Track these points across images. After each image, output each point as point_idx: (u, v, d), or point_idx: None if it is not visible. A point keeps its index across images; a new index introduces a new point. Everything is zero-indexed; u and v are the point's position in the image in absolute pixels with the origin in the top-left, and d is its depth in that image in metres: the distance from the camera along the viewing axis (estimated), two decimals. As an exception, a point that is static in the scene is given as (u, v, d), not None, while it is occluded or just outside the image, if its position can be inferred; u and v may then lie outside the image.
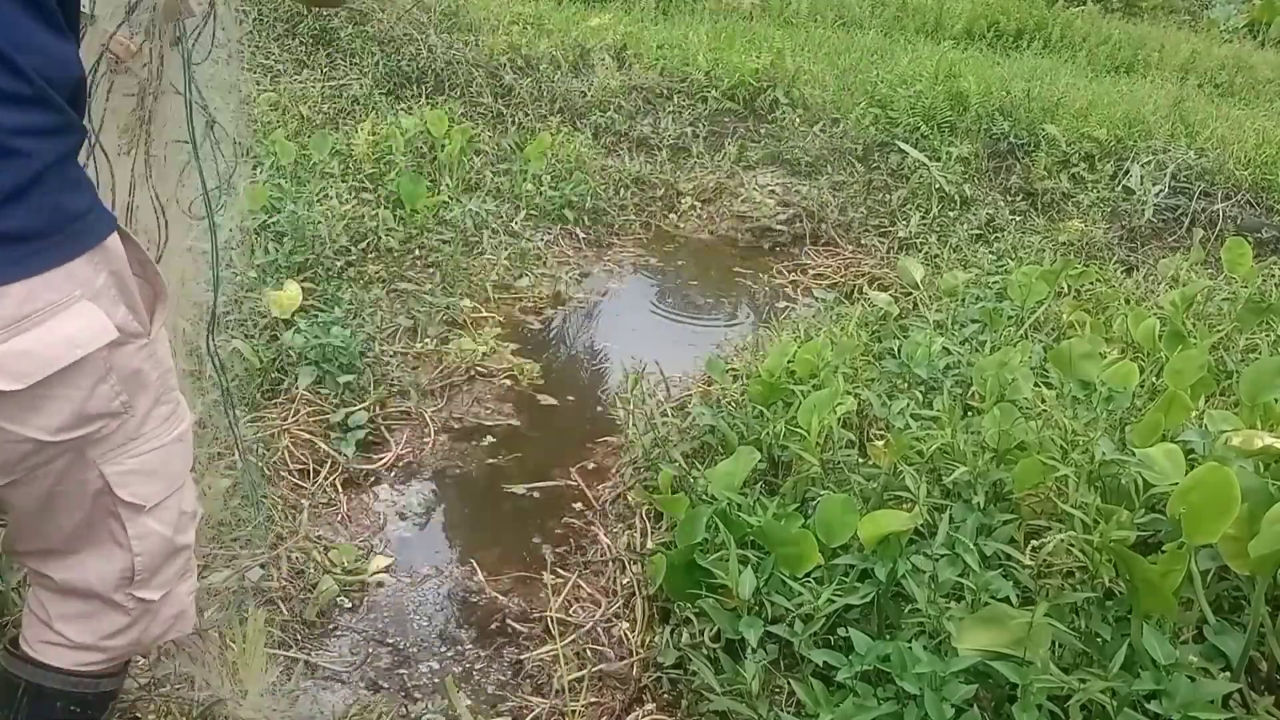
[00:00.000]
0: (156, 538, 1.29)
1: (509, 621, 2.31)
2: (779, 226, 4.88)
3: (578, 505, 2.76)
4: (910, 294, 3.94)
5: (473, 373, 3.35)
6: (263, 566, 2.30)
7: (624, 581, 2.40)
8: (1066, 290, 3.76)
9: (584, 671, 2.14)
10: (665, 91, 5.86)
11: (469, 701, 2.05)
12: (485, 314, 3.76)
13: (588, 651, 2.20)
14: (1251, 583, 1.78)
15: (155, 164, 1.49)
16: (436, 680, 2.12)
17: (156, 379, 1.24)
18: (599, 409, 3.29)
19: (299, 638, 2.17)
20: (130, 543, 1.26)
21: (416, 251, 3.97)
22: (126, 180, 1.47)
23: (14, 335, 1.03)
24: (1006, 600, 1.79)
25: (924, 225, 4.77)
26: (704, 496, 2.33)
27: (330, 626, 2.23)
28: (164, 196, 1.51)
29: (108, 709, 1.41)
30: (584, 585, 2.43)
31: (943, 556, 1.91)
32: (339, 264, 3.69)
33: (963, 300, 3.66)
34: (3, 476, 1.13)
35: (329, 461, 2.77)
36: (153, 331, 1.23)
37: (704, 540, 2.17)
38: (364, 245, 3.88)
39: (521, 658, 2.20)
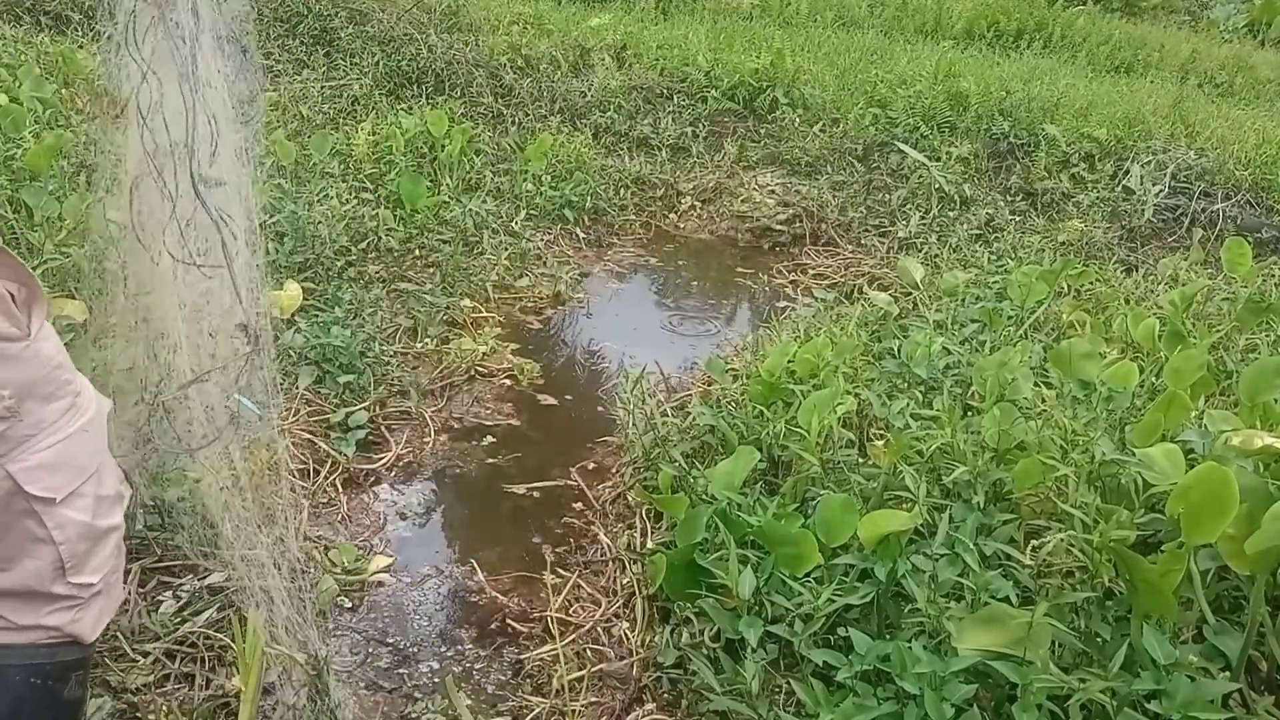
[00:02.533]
0: (76, 525, 1.32)
1: (509, 621, 2.31)
2: (779, 226, 4.88)
3: (578, 505, 2.76)
4: (910, 294, 3.94)
5: (473, 373, 3.35)
6: (262, 567, 2.30)
7: (624, 581, 2.40)
8: (1066, 290, 3.76)
9: (584, 671, 2.14)
10: (665, 91, 5.86)
11: (469, 701, 2.05)
12: (485, 314, 3.76)
13: (588, 651, 2.20)
14: (1251, 582, 1.78)
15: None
16: (436, 680, 2.12)
17: (44, 376, 1.27)
18: (599, 409, 3.29)
19: (299, 638, 2.17)
20: (51, 534, 1.29)
21: (416, 251, 3.97)
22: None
23: None
24: (1006, 600, 1.79)
25: (924, 225, 4.77)
26: (704, 496, 2.33)
27: (330, 626, 2.23)
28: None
29: (70, 679, 1.43)
30: (584, 585, 2.43)
31: (943, 556, 1.91)
32: (339, 264, 3.69)
33: (963, 300, 3.66)
34: None
35: (329, 461, 2.77)
36: (32, 331, 1.26)
37: (704, 540, 2.17)
38: (364, 245, 3.88)
39: (521, 657, 2.20)
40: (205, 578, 2.19)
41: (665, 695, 2.06)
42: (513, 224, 4.37)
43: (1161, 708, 1.56)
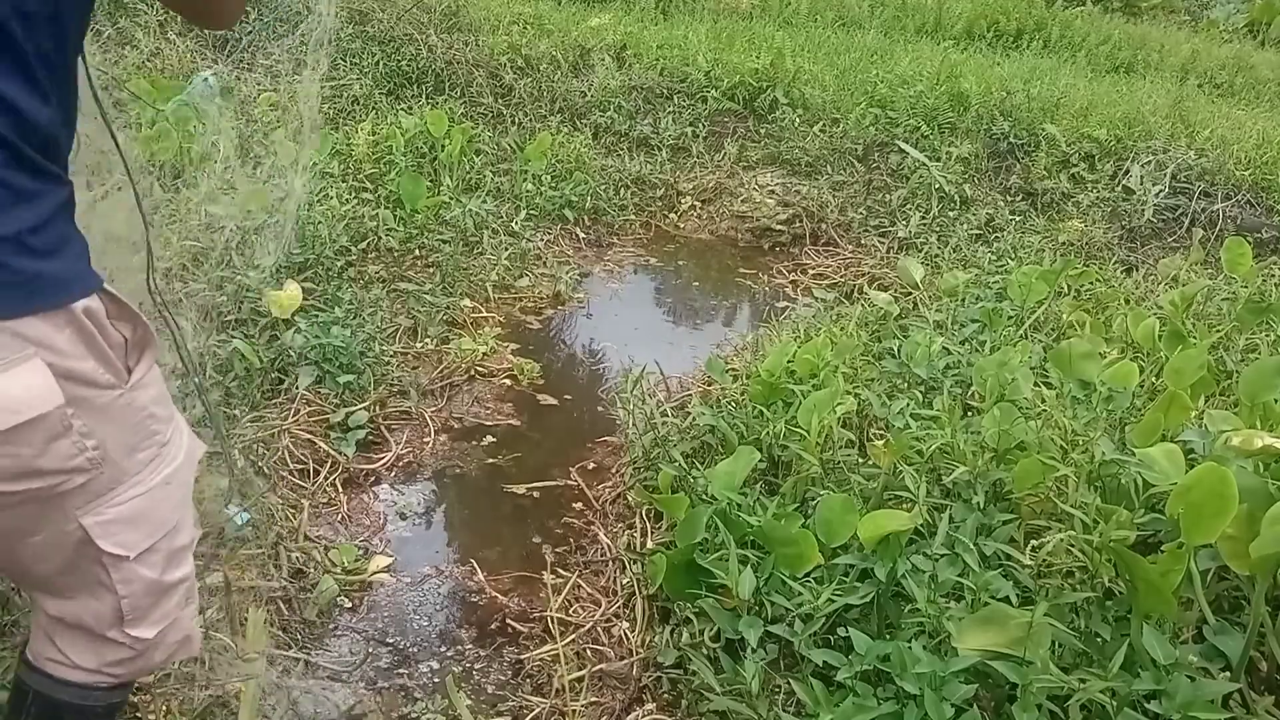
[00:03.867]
0: (142, 582, 1.26)
1: (509, 621, 2.31)
2: (779, 226, 4.88)
3: (578, 505, 2.76)
4: (910, 294, 3.94)
5: (473, 373, 3.35)
6: (262, 566, 2.30)
7: (624, 581, 2.40)
8: (1066, 290, 3.76)
9: (584, 671, 2.14)
10: (665, 91, 5.86)
11: (469, 701, 2.04)
12: (485, 314, 3.76)
13: (588, 651, 2.20)
14: (1251, 583, 1.78)
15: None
16: (436, 680, 2.12)
17: (133, 425, 1.19)
18: (599, 409, 3.29)
19: (299, 638, 2.17)
20: (116, 587, 1.23)
21: (416, 251, 3.97)
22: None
23: None
24: (1006, 600, 1.79)
25: (924, 225, 4.77)
26: (704, 496, 2.33)
27: (330, 626, 2.23)
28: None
29: (114, 716, 1.42)
30: (584, 585, 2.43)
31: (943, 556, 1.92)
32: (339, 264, 3.69)
33: (963, 300, 3.66)
34: None
35: (329, 461, 2.77)
36: (132, 379, 1.18)
37: (704, 540, 2.17)
38: (364, 245, 3.88)
39: (521, 658, 2.20)
40: (205, 577, 2.19)
41: (665, 695, 2.06)
42: (513, 224, 4.36)
43: (1161, 708, 1.56)
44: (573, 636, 2.23)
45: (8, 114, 1.02)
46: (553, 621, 2.28)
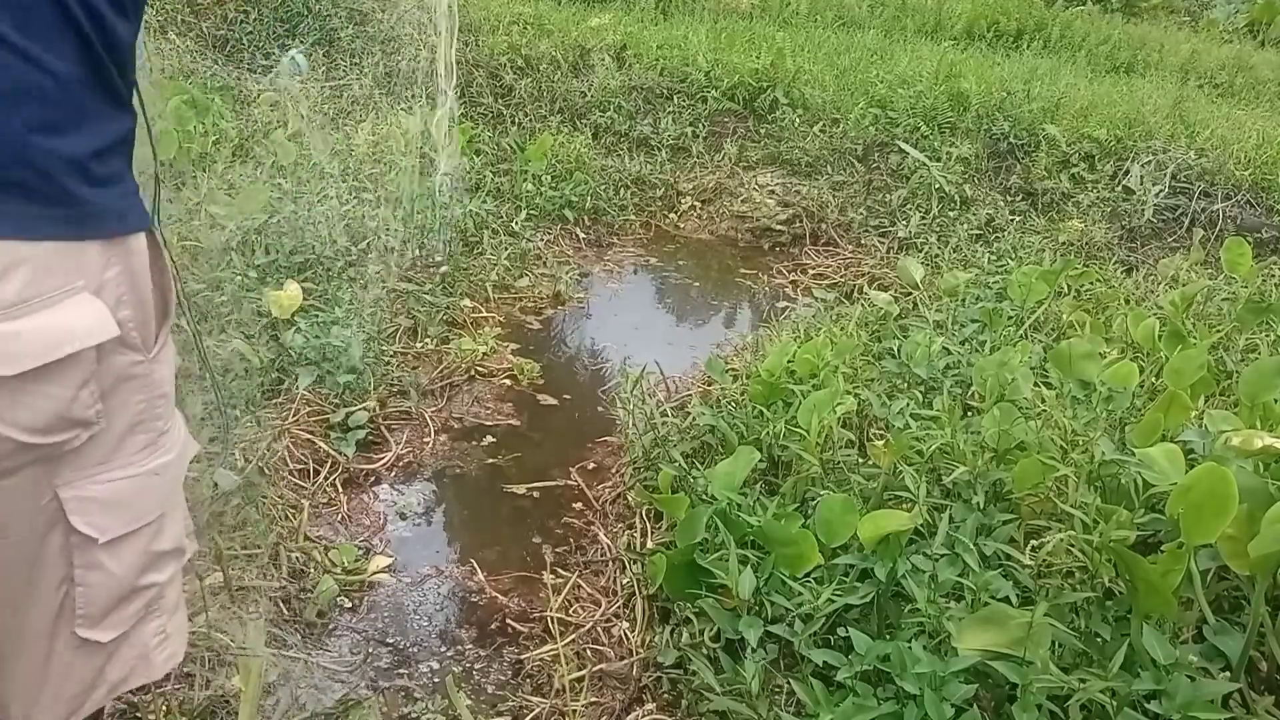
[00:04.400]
0: (105, 575, 1.13)
1: (509, 621, 2.31)
2: (779, 226, 4.88)
3: (578, 505, 2.76)
4: (910, 294, 3.94)
5: (473, 373, 3.35)
6: (262, 566, 2.30)
7: (624, 581, 2.40)
8: (1066, 290, 3.76)
9: (584, 671, 2.14)
10: (665, 91, 5.86)
11: (469, 701, 2.04)
12: (485, 314, 3.76)
13: (588, 651, 2.20)
14: (1251, 583, 1.78)
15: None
16: (436, 680, 2.12)
17: (141, 401, 1.11)
18: (599, 409, 3.29)
19: (299, 638, 2.17)
20: (74, 574, 1.11)
21: (416, 251, 3.96)
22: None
23: (11, 319, 0.96)
24: (1006, 600, 1.79)
25: (924, 225, 4.77)
26: (704, 496, 2.33)
27: (330, 626, 2.23)
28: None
29: None
30: (584, 585, 2.43)
31: (943, 556, 1.92)
32: (339, 264, 3.69)
33: (963, 300, 3.66)
34: None
35: (329, 461, 2.77)
36: (154, 351, 1.12)
37: (704, 540, 2.17)
38: (364, 245, 3.87)
39: (521, 658, 2.20)
40: (205, 577, 2.19)
41: (665, 695, 2.06)
42: (513, 224, 4.37)
43: (1161, 708, 1.56)
44: (573, 636, 2.23)
45: (94, 19, 0.98)
46: (553, 621, 2.28)
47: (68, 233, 0.99)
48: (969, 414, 2.55)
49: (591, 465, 2.95)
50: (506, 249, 4.17)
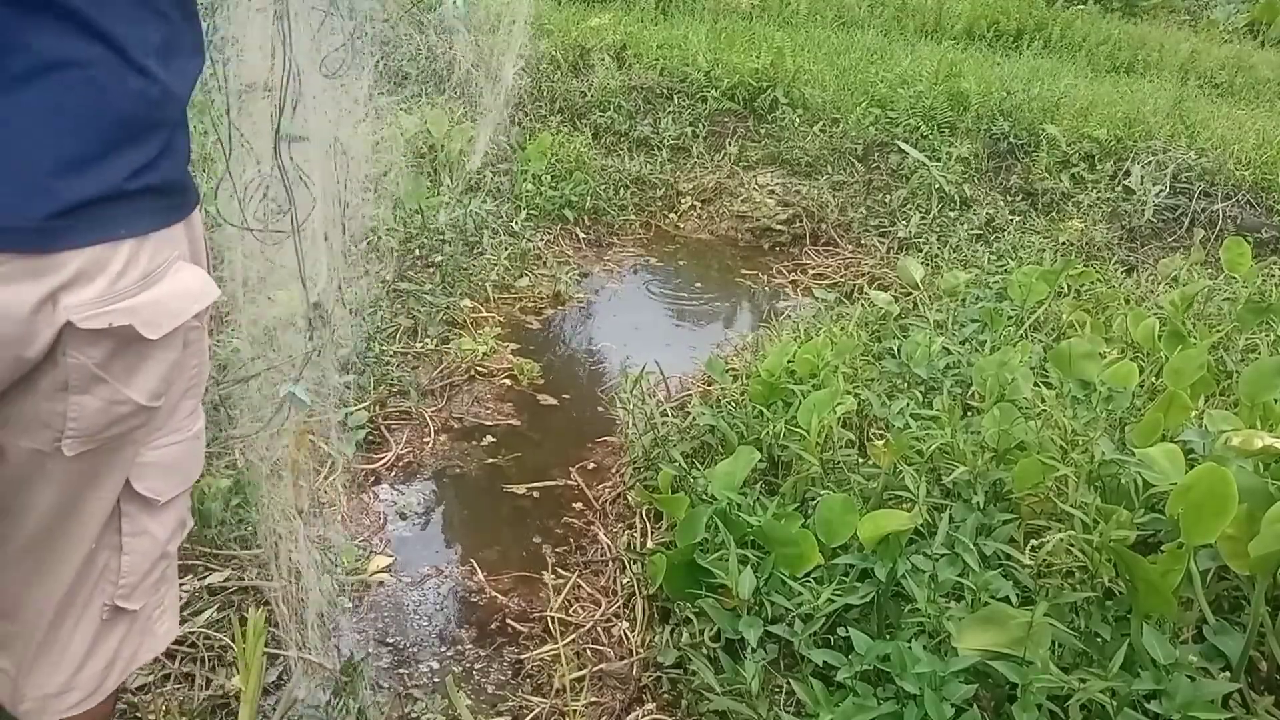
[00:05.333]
0: (150, 540, 1.18)
1: (509, 621, 2.31)
2: (779, 226, 4.88)
3: (578, 505, 2.76)
4: (910, 294, 3.94)
5: (473, 373, 3.35)
6: (262, 566, 2.30)
7: (624, 581, 2.40)
8: (1066, 290, 3.76)
9: (584, 671, 2.14)
10: (665, 91, 5.86)
11: (469, 701, 2.04)
12: (485, 314, 3.76)
13: (588, 651, 2.21)
14: (1251, 583, 1.78)
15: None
16: (436, 680, 2.12)
17: (195, 366, 1.17)
18: (599, 409, 3.29)
19: (299, 638, 2.17)
20: (124, 543, 1.15)
21: (416, 251, 3.97)
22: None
23: (147, 288, 1.03)
24: (1006, 600, 1.79)
25: (924, 225, 4.77)
26: (704, 496, 2.33)
27: (330, 626, 2.23)
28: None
29: None
30: (584, 585, 2.43)
31: (943, 556, 1.92)
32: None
33: (963, 300, 3.66)
34: (80, 445, 1.04)
35: (329, 461, 2.77)
36: (204, 319, 1.18)
37: (704, 540, 2.17)
38: (364, 245, 3.87)
39: (521, 658, 2.20)
40: (205, 577, 2.19)
41: (665, 695, 2.06)
42: (513, 224, 4.37)
43: (1161, 708, 1.56)
44: (573, 636, 2.23)
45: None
46: (553, 621, 2.28)
47: (176, 218, 1.08)
48: (969, 414, 2.55)
49: (591, 465, 2.96)
50: (506, 249, 4.17)
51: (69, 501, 1.09)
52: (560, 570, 2.48)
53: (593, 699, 2.07)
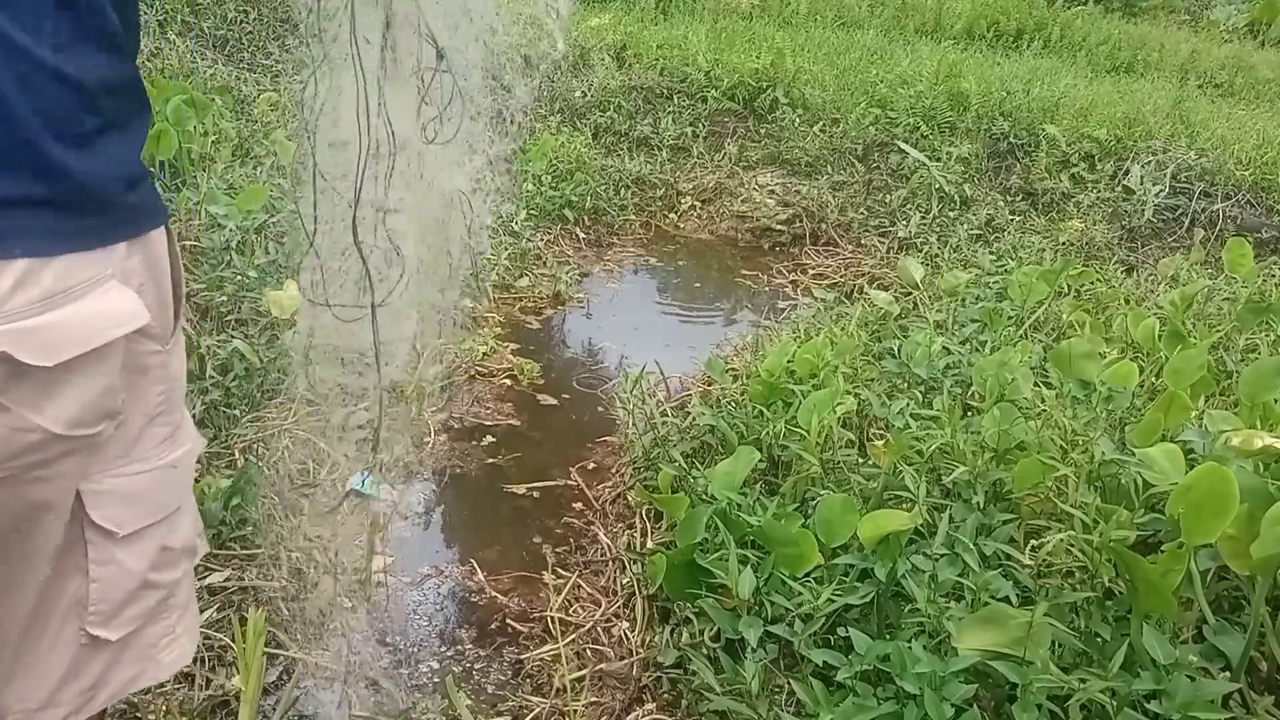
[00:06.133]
0: (120, 569, 1.12)
1: (509, 621, 2.31)
2: (779, 226, 4.88)
3: (578, 505, 2.76)
4: (910, 294, 3.94)
5: (473, 373, 3.35)
6: (262, 566, 2.30)
7: (624, 581, 2.40)
8: (1066, 290, 3.76)
9: (584, 671, 2.14)
10: (665, 91, 5.86)
11: (469, 701, 2.04)
12: (485, 314, 3.76)
13: (588, 651, 2.20)
14: (1251, 583, 1.78)
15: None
16: (436, 680, 2.12)
17: (160, 393, 1.12)
18: (599, 409, 3.29)
19: (299, 638, 2.17)
20: (89, 568, 1.09)
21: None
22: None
23: (49, 310, 0.96)
24: (1006, 600, 1.79)
25: (924, 225, 4.77)
26: (704, 496, 2.33)
27: (330, 626, 2.23)
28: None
29: None
30: (584, 585, 2.43)
31: (943, 556, 1.91)
32: (339, 264, 3.68)
33: (963, 300, 3.66)
34: None
35: (329, 461, 2.77)
36: (169, 342, 1.12)
37: (704, 540, 2.17)
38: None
39: (521, 658, 2.20)
40: (205, 577, 2.19)
41: (665, 695, 2.06)
42: (513, 224, 4.37)
43: (1161, 708, 1.56)
44: (573, 636, 2.23)
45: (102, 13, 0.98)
46: (553, 621, 2.28)
47: (98, 243, 0.99)
48: (969, 414, 2.55)
49: (591, 465, 2.95)
50: (506, 249, 4.17)
51: (7, 526, 1.04)
52: (560, 570, 2.48)
53: (593, 699, 2.07)
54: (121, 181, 1.02)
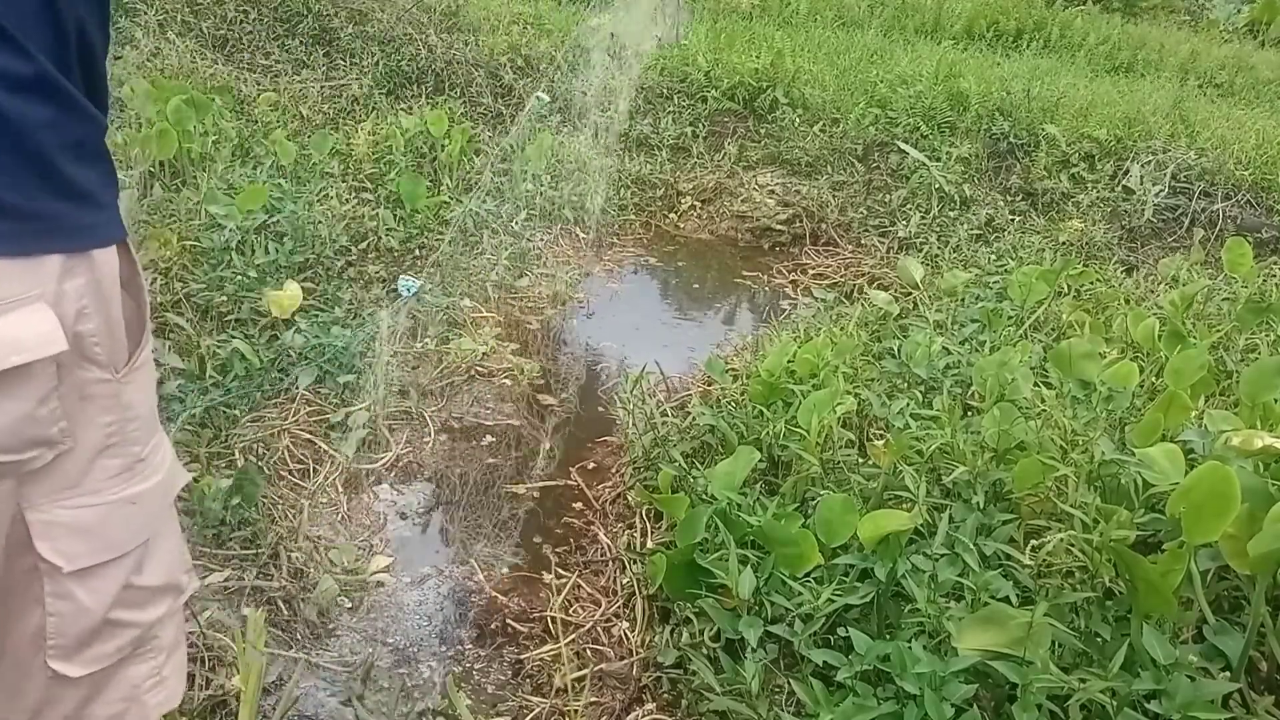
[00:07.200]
0: (75, 606, 1.06)
1: (509, 621, 2.31)
2: (779, 226, 4.88)
3: (578, 505, 2.76)
4: (910, 294, 3.94)
5: (473, 373, 3.35)
6: (262, 566, 2.30)
7: (624, 581, 2.40)
8: (1066, 290, 3.76)
9: (584, 671, 2.14)
10: (665, 91, 5.86)
11: (469, 701, 2.04)
12: (485, 314, 3.76)
13: (588, 651, 2.20)
14: (1251, 582, 1.78)
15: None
16: (436, 680, 2.12)
17: (111, 423, 1.05)
18: (599, 409, 3.29)
19: (299, 638, 2.17)
20: (45, 600, 1.05)
21: (416, 251, 3.97)
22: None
23: None
24: (1006, 600, 1.79)
25: (924, 225, 4.77)
26: (704, 496, 2.33)
27: (330, 626, 2.23)
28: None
29: None
30: (584, 585, 2.43)
31: (943, 556, 1.91)
32: (339, 264, 3.69)
33: (963, 300, 3.66)
34: None
35: (329, 461, 2.77)
36: (123, 371, 1.05)
37: (704, 540, 2.17)
38: (364, 245, 3.88)
39: (521, 658, 2.20)
40: (205, 578, 2.19)
41: (665, 695, 2.06)
42: (513, 224, 4.37)
43: (1161, 708, 1.56)
44: (573, 636, 2.23)
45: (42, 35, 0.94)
46: (553, 621, 2.28)
47: (20, 249, 0.93)
48: (969, 414, 2.55)
49: (591, 465, 2.95)
50: (506, 249, 4.17)
51: None
52: (560, 570, 2.48)
53: (593, 699, 2.07)
54: (46, 180, 0.96)
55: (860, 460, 2.45)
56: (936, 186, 4.98)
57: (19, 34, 0.92)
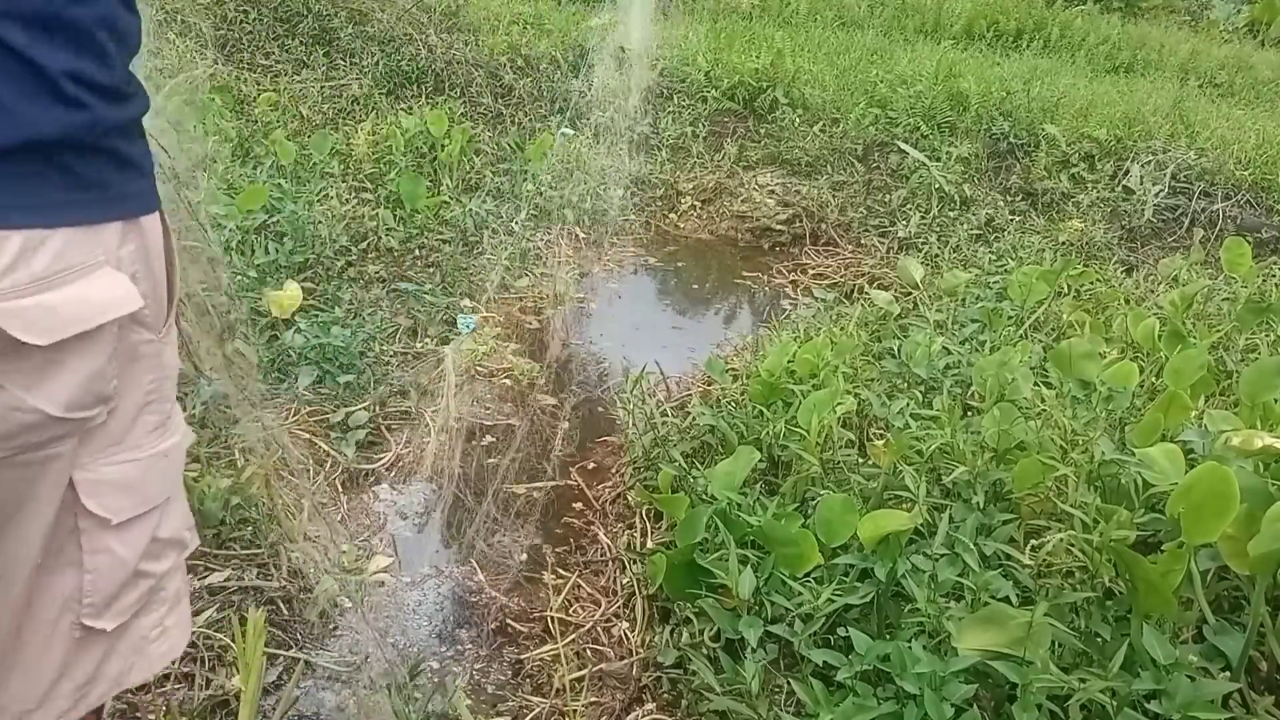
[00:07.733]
0: (112, 559, 1.12)
1: (509, 621, 2.31)
2: (779, 226, 4.88)
3: (578, 505, 2.76)
4: (910, 294, 3.94)
5: (473, 373, 3.35)
6: (262, 566, 2.30)
7: (624, 581, 2.40)
8: (1066, 290, 3.76)
9: (584, 671, 2.14)
10: (665, 91, 5.86)
11: (469, 701, 2.04)
12: (485, 314, 3.76)
13: (588, 651, 2.20)
14: (1251, 582, 1.78)
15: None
16: (436, 680, 2.12)
17: (152, 381, 1.12)
18: (599, 409, 3.29)
19: (299, 638, 2.17)
20: (84, 559, 1.10)
21: (416, 251, 3.97)
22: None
23: (42, 291, 0.97)
24: (1006, 600, 1.79)
25: (924, 225, 4.77)
26: (704, 496, 2.33)
27: (330, 626, 2.23)
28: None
29: None
30: (584, 585, 2.43)
31: (942, 556, 1.91)
32: (339, 264, 3.69)
33: (963, 300, 3.66)
34: None
35: (329, 461, 2.77)
36: (163, 331, 1.12)
37: (704, 540, 2.17)
38: (364, 245, 3.88)
39: (521, 658, 2.20)
40: (205, 577, 2.19)
41: (665, 695, 2.06)
42: (513, 224, 4.37)
43: (1161, 708, 1.56)
44: (573, 636, 2.23)
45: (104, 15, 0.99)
46: (553, 621, 2.28)
47: (93, 217, 1.00)
48: (969, 414, 2.55)
49: (591, 465, 2.95)
50: (506, 249, 4.17)
51: (1, 514, 1.04)
52: (560, 570, 2.48)
53: (593, 699, 2.07)
54: (132, 159, 1.04)
55: (860, 460, 2.45)
56: (936, 186, 4.98)
57: (106, 43, 0.99)
